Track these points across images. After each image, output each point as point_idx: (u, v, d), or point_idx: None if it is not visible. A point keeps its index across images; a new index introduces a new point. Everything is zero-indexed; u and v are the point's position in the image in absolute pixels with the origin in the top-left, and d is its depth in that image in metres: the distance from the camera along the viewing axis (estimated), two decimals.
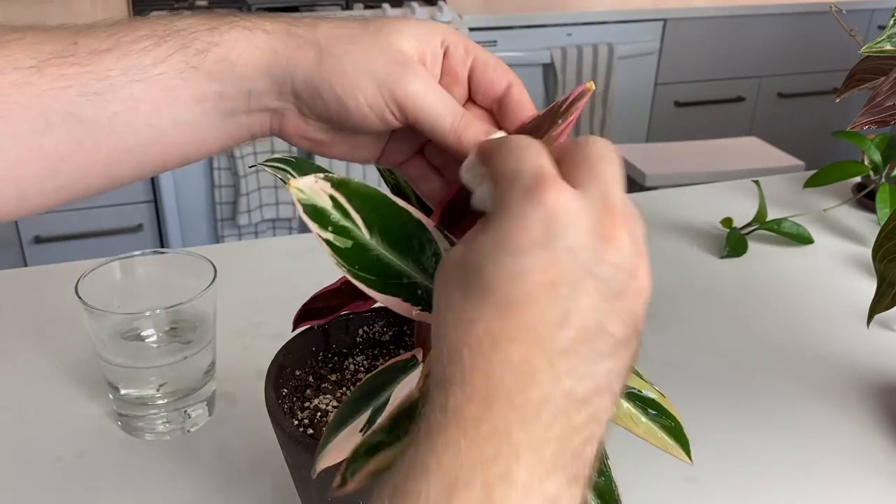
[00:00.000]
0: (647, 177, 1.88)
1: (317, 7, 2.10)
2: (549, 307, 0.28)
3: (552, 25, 2.21)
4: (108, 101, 0.38)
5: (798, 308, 0.79)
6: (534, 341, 0.28)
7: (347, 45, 0.39)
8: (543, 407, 0.28)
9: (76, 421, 0.62)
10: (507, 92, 0.41)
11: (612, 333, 0.29)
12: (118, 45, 0.38)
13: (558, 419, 0.28)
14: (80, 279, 0.57)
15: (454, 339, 0.29)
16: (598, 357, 0.29)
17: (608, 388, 0.29)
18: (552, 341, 0.28)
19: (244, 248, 0.95)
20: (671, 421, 0.40)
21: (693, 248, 0.89)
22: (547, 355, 0.28)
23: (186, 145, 0.41)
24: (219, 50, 0.39)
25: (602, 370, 0.29)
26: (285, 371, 0.49)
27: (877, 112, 0.55)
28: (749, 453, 0.60)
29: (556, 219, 0.29)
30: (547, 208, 0.29)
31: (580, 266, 0.29)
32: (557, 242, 0.29)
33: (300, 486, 0.48)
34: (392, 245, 0.36)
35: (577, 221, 0.29)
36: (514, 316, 0.28)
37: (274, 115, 0.41)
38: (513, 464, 0.27)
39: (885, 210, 0.88)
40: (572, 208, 0.29)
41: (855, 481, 0.58)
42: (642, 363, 0.42)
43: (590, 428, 0.29)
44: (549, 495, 0.27)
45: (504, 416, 0.27)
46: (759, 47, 2.47)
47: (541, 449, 0.27)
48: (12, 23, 0.42)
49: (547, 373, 0.28)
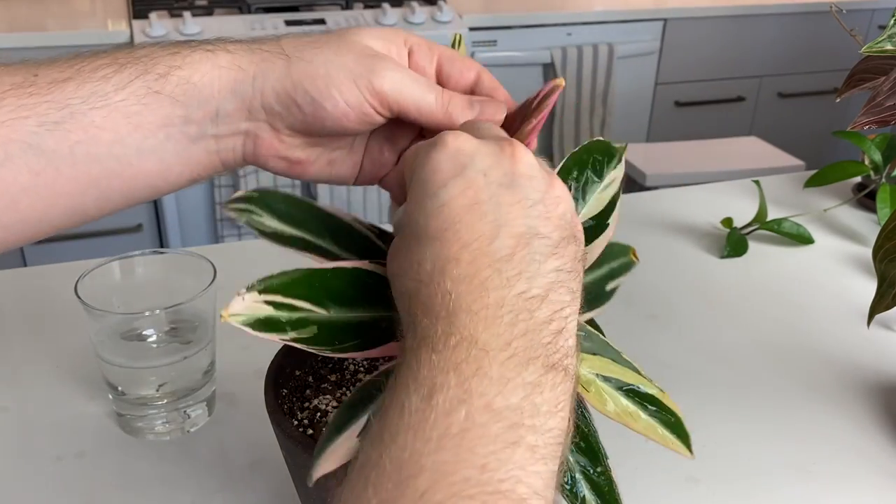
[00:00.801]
0: (647, 177, 1.88)
1: (316, 7, 2.10)
2: (478, 224, 0.31)
3: (552, 25, 2.21)
4: (68, 131, 0.36)
5: (798, 308, 0.79)
6: (475, 256, 0.31)
7: (315, 49, 0.39)
8: (501, 309, 0.30)
9: (76, 421, 0.62)
10: (478, 80, 0.42)
11: (547, 235, 0.32)
12: (78, 74, 0.37)
13: (520, 317, 0.30)
14: (79, 279, 0.57)
15: (410, 286, 0.32)
16: (541, 258, 0.31)
17: (562, 284, 0.32)
18: (492, 252, 0.31)
19: (244, 248, 0.95)
20: (671, 416, 0.40)
21: (693, 248, 0.89)
22: (491, 265, 0.30)
23: (152, 175, 0.39)
24: (181, 73, 0.38)
25: (549, 269, 0.31)
26: (285, 371, 0.49)
27: (877, 112, 0.55)
28: (749, 453, 0.60)
29: (460, 152, 0.33)
30: (450, 147, 0.33)
31: (495, 182, 0.32)
32: (469, 169, 0.32)
33: (300, 486, 0.48)
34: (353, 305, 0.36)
35: (480, 150, 0.33)
36: (451, 241, 0.31)
37: (246, 137, 0.40)
38: (484, 361, 0.28)
39: (886, 210, 0.88)
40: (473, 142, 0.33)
41: (855, 481, 0.58)
42: (642, 363, 0.42)
43: (556, 323, 0.31)
44: (530, 382, 0.29)
45: (467, 325, 0.29)
46: (759, 47, 2.47)
47: (509, 345, 0.29)
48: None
49: (496, 279, 0.30)
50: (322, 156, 0.42)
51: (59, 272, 0.80)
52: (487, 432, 0.27)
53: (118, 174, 0.38)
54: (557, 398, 0.29)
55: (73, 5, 2.10)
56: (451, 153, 0.33)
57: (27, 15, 1.94)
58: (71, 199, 0.38)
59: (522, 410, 0.28)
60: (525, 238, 0.31)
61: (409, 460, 0.26)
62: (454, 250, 0.31)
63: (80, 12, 2.06)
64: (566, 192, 0.34)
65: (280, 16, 2.02)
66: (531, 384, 0.28)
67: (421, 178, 0.33)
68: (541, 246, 0.31)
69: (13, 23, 1.88)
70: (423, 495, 0.25)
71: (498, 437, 0.27)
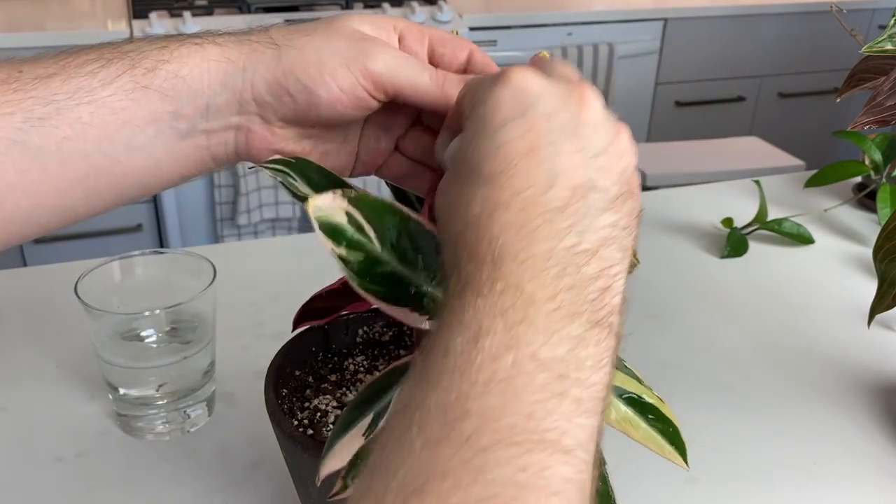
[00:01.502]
0: (647, 177, 1.88)
1: (316, 7, 2.10)
2: (534, 171, 0.30)
3: (552, 25, 2.21)
4: (54, 127, 0.36)
5: (798, 308, 0.79)
6: (527, 204, 0.29)
7: (305, 37, 0.39)
8: (549, 261, 0.29)
9: (76, 421, 0.62)
10: (470, 58, 0.42)
11: (605, 189, 0.31)
12: (63, 70, 0.37)
13: (567, 271, 0.29)
14: (79, 279, 0.57)
15: (457, 228, 0.31)
16: (596, 212, 0.30)
17: (614, 240, 0.30)
18: (545, 202, 0.30)
19: (244, 248, 0.95)
20: (669, 426, 0.40)
21: (693, 248, 0.89)
22: (542, 215, 0.29)
23: (142, 172, 0.39)
24: (169, 67, 0.37)
25: (603, 224, 0.30)
26: (285, 371, 0.49)
27: (877, 112, 0.55)
28: (749, 453, 0.60)
29: (525, 91, 0.31)
30: (515, 84, 0.31)
31: (557, 128, 0.31)
32: (531, 111, 0.31)
33: (300, 486, 0.48)
34: (403, 257, 0.36)
35: (546, 90, 0.31)
36: (504, 185, 0.30)
37: (238, 131, 0.40)
38: (530, 310, 0.28)
39: (886, 210, 0.88)
40: (539, 81, 0.32)
41: (855, 481, 0.58)
42: (642, 363, 0.42)
43: (603, 279, 0.30)
44: (575, 336, 0.28)
45: (514, 273, 0.28)
46: (759, 47, 2.47)
47: (555, 298, 0.28)
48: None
49: (546, 230, 0.29)
50: (315, 148, 0.42)
51: (59, 272, 0.80)
52: (534, 381, 0.26)
53: (106, 171, 0.38)
54: (601, 354, 0.28)
55: (72, 5, 2.10)
56: (515, 91, 0.31)
57: (27, 15, 1.94)
58: (58, 197, 0.37)
59: (568, 363, 0.27)
60: (582, 190, 0.30)
61: (454, 402, 0.26)
62: (505, 196, 0.29)
63: (80, 12, 2.06)
64: (632, 145, 0.33)
65: (280, 16, 2.02)
66: (576, 338, 0.28)
67: (479, 115, 0.31)
68: (597, 200, 0.30)
69: (13, 23, 1.88)
70: (469, 438, 0.25)
71: (544, 386, 0.26)
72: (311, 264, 0.82)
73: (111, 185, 0.38)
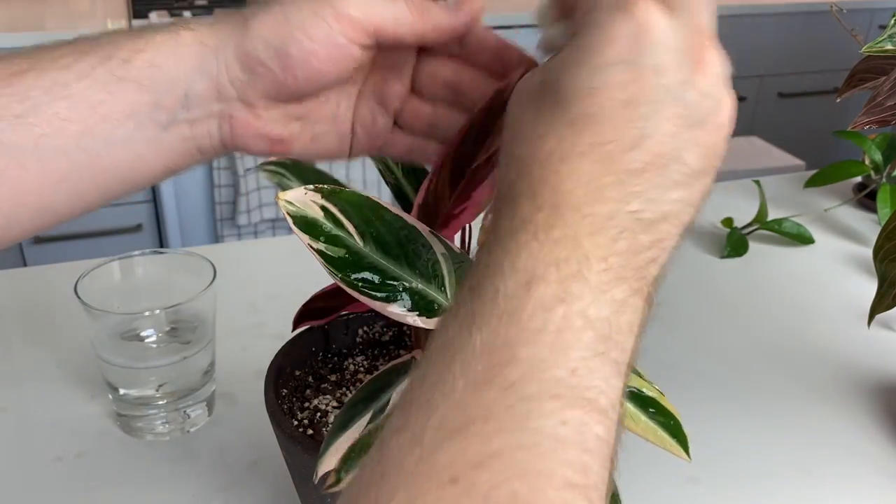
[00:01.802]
0: None
1: None
2: (624, 126, 0.28)
3: None
4: (32, 124, 0.35)
5: (798, 308, 0.79)
6: (605, 159, 0.28)
7: (273, 6, 0.37)
8: (610, 223, 0.28)
9: (76, 421, 0.62)
10: None
11: (687, 163, 0.29)
12: (38, 64, 0.36)
13: (624, 236, 0.28)
14: (79, 279, 0.57)
15: (523, 154, 0.29)
16: (670, 184, 0.29)
17: (676, 216, 0.29)
18: (623, 161, 0.28)
19: (244, 248, 0.95)
20: (670, 419, 0.40)
21: (693, 248, 0.89)
22: (617, 174, 0.28)
23: (125, 167, 0.38)
24: (144, 56, 0.36)
25: (672, 198, 0.29)
26: (285, 371, 0.49)
27: (877, 112, 0.55)
28: (749, 453, 0.60)
29: (645, 33, 0.28)
30: (637, 20, 0.28)
31: (664, 87, 0.28)
32: (644, 59, 0.28)
33: (300, 486, 0.48)
34: (386, 252, 0.36)
35: (666, 39, 0.28)
36: (587, 132, 0.28)
37: (221, 120, 0.39)
38: (584, 266, 0.27)
39: (886, 210, 0.88)
40: (663, 25, 0.28)
41: (855, 481, 0.58)
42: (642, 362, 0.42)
43: (654, 251, 0.29)
44: (618, 300, 0.27)
45: (573, 225, 0.27)
46: (759, 47, 2.47)
47: (606, 259, 0.27)
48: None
49: (615, 191, 0.28)
50: (304, 130, 0.40)
51: (59, 272, 0.80)
52: (581, 337, 0.26)
53: (88, 167, 0.37)
54: (635, 322, 0.28)
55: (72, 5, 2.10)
56: (634, 29, 0.28)
57: (27, 15, 1.94)
58: (39, 197, 0.36)
59: (611, 324, 0.27)
60: (664, 159, 0.28)
61: (501, 347, 0.25)
62: (585, 143, 0.28)
63: (80, 12, 2.06)
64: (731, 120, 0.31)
65: None
66: (619, 302, 0.28)
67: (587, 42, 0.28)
68: (675, 172, 0.28)
69: (13, 23, 1.88)
70: (513, 385, 0.25)
71: (589, 345, 0.26)
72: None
73: (94, 181, 0.37)
